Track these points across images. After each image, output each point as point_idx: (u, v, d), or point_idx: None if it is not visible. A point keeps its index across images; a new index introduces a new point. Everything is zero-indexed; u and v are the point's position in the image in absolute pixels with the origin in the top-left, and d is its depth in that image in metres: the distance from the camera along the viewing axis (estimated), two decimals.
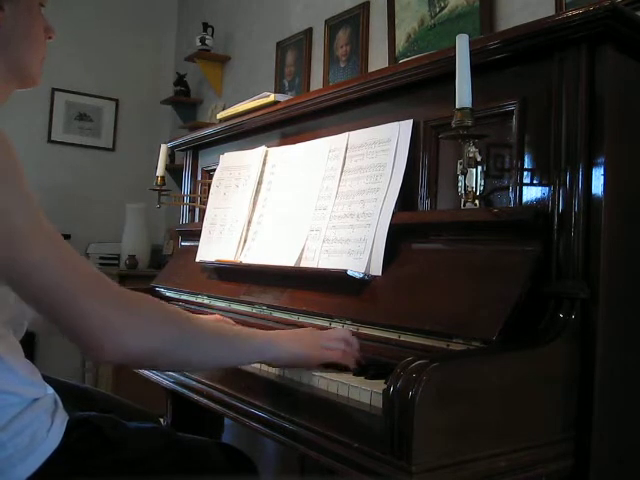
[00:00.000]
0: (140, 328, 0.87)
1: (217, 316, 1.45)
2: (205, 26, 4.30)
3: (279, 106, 1.67)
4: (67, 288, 0.83)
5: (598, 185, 0.99)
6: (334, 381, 0.99)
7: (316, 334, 1.09)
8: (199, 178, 2.12)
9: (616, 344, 1.02)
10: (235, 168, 1.79)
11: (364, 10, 3.13)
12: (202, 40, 4.25)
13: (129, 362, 0.90)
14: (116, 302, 0.86)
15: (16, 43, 1.03)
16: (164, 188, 2.04)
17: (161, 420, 1.69)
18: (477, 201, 1.14)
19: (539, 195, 1.06)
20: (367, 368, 1.04)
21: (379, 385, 0.92)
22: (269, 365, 1.10)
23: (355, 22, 3.18)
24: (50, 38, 1.11)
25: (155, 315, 0.90)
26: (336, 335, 1.09)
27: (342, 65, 3.26)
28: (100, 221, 4.53)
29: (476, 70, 1.07)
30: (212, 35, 4.30)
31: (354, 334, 1.19)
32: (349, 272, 1.22)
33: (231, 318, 1.49)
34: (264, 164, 1.68)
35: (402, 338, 1.10)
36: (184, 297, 1.80)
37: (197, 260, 1.77)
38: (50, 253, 0.83)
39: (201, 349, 0.95)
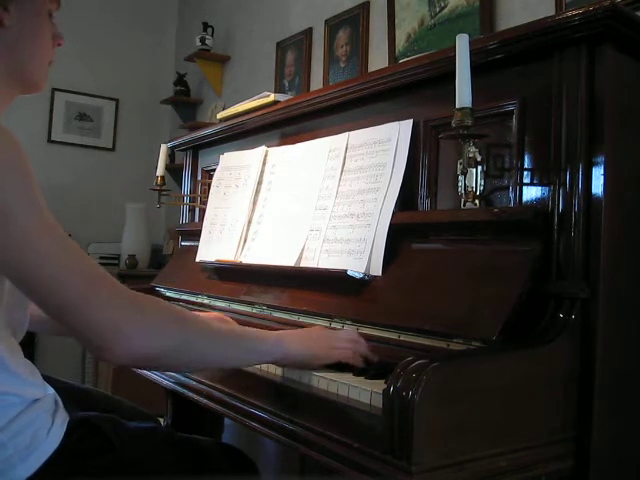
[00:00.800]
0: (149, 330, 0.87)
1: (217, 314, 1.45)
2: (205, 26, 4.30)
3: (279, 106, 1.67)
4: (75, 291, 0.82)
5: (598, 185, 0.99)
6: (334, 381, 0.99)
7: (327, 335, 1.08)
8: (199, 178, 2.12)
9: (616, 344, 1.02)
10: (235, 168, 1.79)
11: (364, 10, 3.13)
12: (202, 40, 4.25)
13: (140, 364, 0.90)
14: (124, 304, 0.86)
15: (21, 46, 1.01)
16: (164, 188, 2.04)
17: (161, 420, 1.69)
18: (477, 201, 1.14)
19: (539, 195, 1.06)
20: (367, 368, 1.04)
21: (379, 385, 0.92)
22: (277, 365, 1.09)
23: (355, 22, 3.18)
24: (59, 45, 1.09)
25: (163, 317, 0.90)
26: (346, 336, 1.09)
27: (342, 65, 3.26)
28: (100, 221, 4.53)
29: (476, 70, 1.07)
30: (212, 35, 4.30)
31: None
32: (349, 272, 1.22)
33: (231, 318, 1.50)
34: (264, 164, 1.68)
35: (402, 338, 1.10)
36: (184, 297, 1.80)
37: (197, 260, 1.77)
38: (55, 254, 0.82)
39: (210, 350, 0.95)
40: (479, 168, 1.15)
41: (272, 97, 1.75)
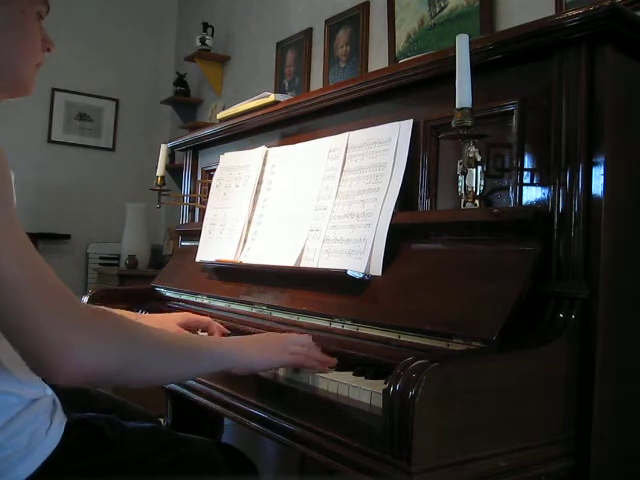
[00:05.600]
0: (98, 347, 0.83)
1: (208, 318, 1.44)
2: (205, 26, 4.30)
3: (279, 106, 1.67)
4: (28, 296, 0.79)
5: (598, 185, 0.99)
6: (334, 381, 0.99)
7: (279, 338, 1.08)
8: (199, 178, 2.12)
9: (616, 344, 1.02)
10: (235, 168, 1.79)
11: (364, 10, 3.13)
12: (202, 40, 4.25)
13: (88, 381, 0.85)
14: (75, 320, 0.82)
15: (6, 47, 1.00)
16: (164, 188, 2.04)
17: (161, 420, 1.68)
18: (477, 201, 1.14)
19: (539, 195, 1.06)
20: (367, 368, 1.04)
21: (379, 385, 0.92)
22: (230, 372, 1.04)
23: (355, 22, 3.18)
24: (48, 50, 1.08)
25: (113, 333, 0.86)
26: (299, 340, 1.08)
27: (342, 65, 3.26)
28: (100, 221, 4.53)
29: (476, 70, 1.07)
30: (212, 35, 4.31)
31: (354, 334, 1.19)
32: (349, 272, 1.22)
33: (231, 318, 1.50)
34: (264, 164, 1.68)
35: (402, 338, 1.10)
36: (184, 297, 1.80)
37: (197, 260, 1.77)
38: (15, 257, 0.79)
39: (161, 364, 0.93)
40: (479, 168, 1.15)
41: (272, 97, 1.75)
